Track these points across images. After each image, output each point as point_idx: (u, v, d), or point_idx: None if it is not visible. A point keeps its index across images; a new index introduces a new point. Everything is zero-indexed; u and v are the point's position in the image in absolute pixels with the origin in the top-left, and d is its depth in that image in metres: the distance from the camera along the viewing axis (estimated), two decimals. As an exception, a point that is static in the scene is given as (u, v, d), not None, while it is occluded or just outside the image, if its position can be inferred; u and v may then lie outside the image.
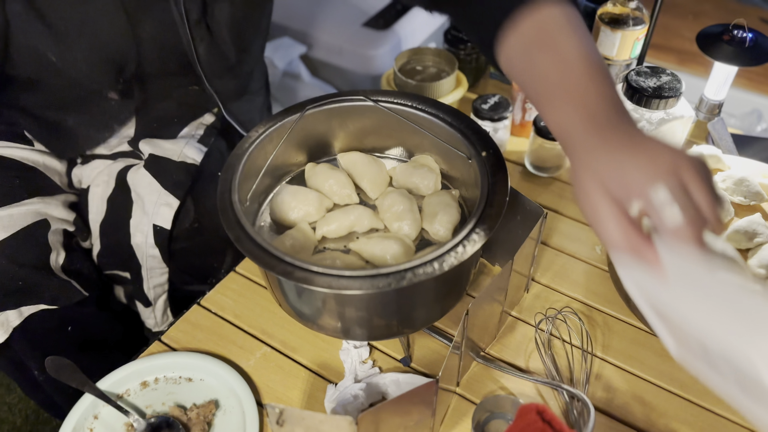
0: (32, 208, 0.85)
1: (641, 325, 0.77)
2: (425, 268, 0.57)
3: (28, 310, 0.81)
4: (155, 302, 0.95)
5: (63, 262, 0.87)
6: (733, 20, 0.82)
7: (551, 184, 0.97)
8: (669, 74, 0.82)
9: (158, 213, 0.88)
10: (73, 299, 0.85)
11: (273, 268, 0.58)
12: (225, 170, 0.67)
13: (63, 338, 0.88)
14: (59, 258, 0.86)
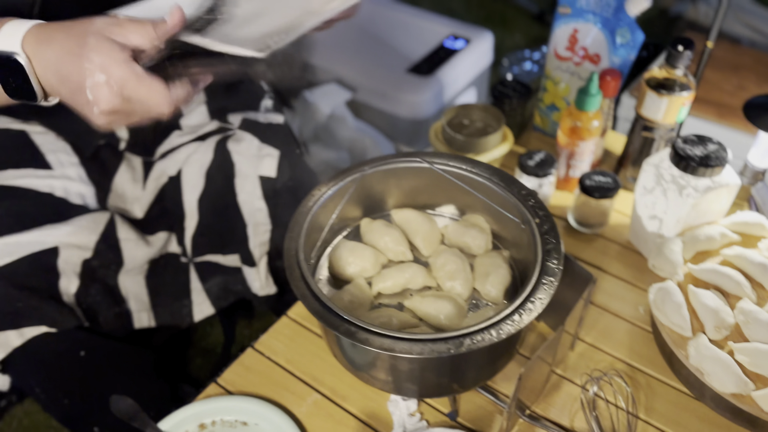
0: (40, 235, 0.85)
1: (684, 388, 0.78)
2: (483, 335, 0.60)
3: (30, 332, 0.83)
4: (259, 262, 0.99)
5: (76, 291, 0.88)
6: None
7: (594, 241, 0.99)
8: (716, 143, 0.84)
9: (262, 164, 0.92)
10: (72, 324, 0.87)
11: (336, 327, 0.61)
12: (291, 227, 0.71)
13: (74, 363, 0.89)
14: (70, 286, 0.88)
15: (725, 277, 0.78)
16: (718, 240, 0.84)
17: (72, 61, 0.59)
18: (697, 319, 0.76)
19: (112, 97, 0.60)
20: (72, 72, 0.59)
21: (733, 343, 0.72)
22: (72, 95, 0.61)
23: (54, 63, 0.60)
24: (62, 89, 0.61)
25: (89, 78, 0.59)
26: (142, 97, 0.61)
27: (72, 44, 0.60)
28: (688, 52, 0.91)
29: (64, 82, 0.60)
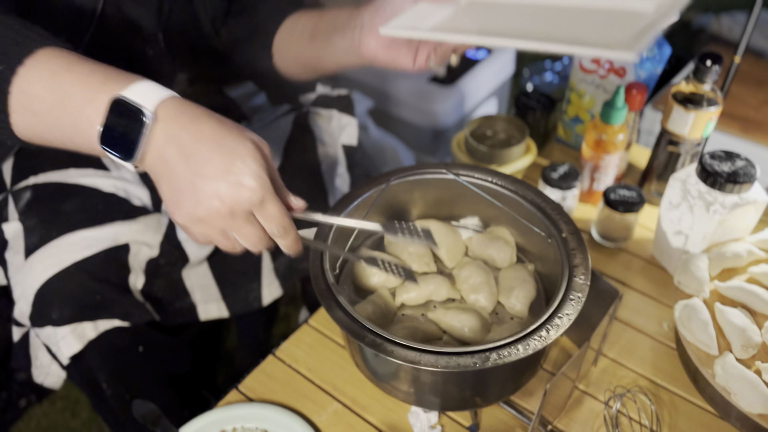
0: (113, 231, 0.88)
1: (709, 407, 0.77)
2: (509, 350, 0.60)
3: (104, 325, 0.85)
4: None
5: (142, 287, 0.91)
6: None
7: (618, 255, 0.98)
8: (744, 159, 0.84)
9: (343, 133, 0.93)
10: (145, 319, 0.89)
11: (362, 338, 0.61)
12: (316, 238, 0.71)
13: (134, 358, 0.91)
14: (137, 281, 0.90)
15: (752, 295, 0.77)
16: (745, 257, 0.83)
17: (218, 150, 0.54)
18: (723, 337, 0.75)
19: (243, 203, 0.55)
20: (213, 160, 0.54)
21: (761, 363, 0.71)
22: (190, 177, 0.54)
23: (192, 141, 0.54)
24: (177, 167, 0.55)
25: (233, 174, 0.54)
26: (259, 226, 0.58)
27: (225, 135, 0.55)
28: (716, 67, 0.90)
29: (191, 162, 0.54)
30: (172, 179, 0.55)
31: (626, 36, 0.56)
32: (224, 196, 0.54)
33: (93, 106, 0.55)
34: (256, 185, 0.55)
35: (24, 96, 0.56)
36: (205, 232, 0.57)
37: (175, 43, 0.87)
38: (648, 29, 0.56)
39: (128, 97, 0.54)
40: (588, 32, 0.60)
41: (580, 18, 0.63)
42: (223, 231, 0.57)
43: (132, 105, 0.54)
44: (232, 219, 0.56)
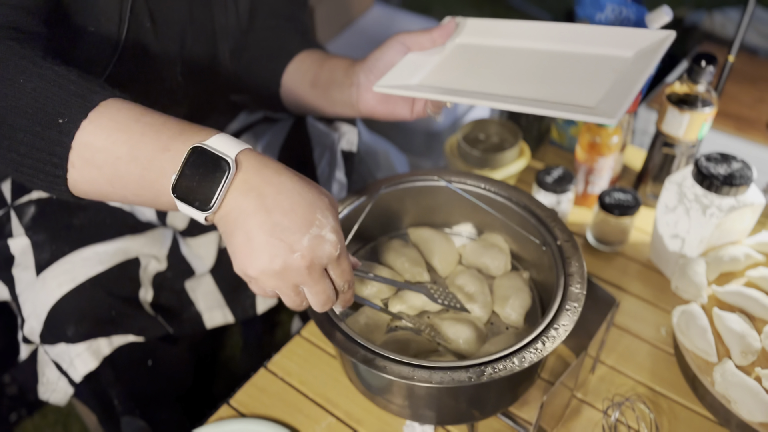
0: (123, 245, 0.87)
1: (709, 414, 0.76)
2: (505, 363, 0.58)
3: (119, 341, 0.84)
4: None
5: (151, 300, 0.90)
6: None
7: (614, 259, 0.97)
8: (740, 161, 0.82)
9: (344, 139, 0.92)
10: (159, 333, 0.88)
11: (354, 354, 0.60)
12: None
13: (144, 372, 0.90)
14: (147, 295, 0.89)
15: (751, 299, 0.76)
16: (742, 261, 0.82)
17: (300, 203, 0.53)
18: (722, 343, 0.74)
19: (323, 257, 0.54)
20: (295, 213, 0.53)
21: (761, 369, 0.70)
22: (270, 228, 0.53)
23: (273, 193, 0.53)
24: (256, 218, 0.53)
25: (315, 227, 0.53)
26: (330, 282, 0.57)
27: (305, 189, 0.55)
28: (710, 68, 0.89)
29: (273, 214, 0.53)
30: (248, 231, 0.53)
31: (606, 95, 0.60)
32: (306, 249, 0.53)
33: (167, 155, 0.53)
34: (336, 239, 0.54)
35: (87, 149, 0.54)
36: (278, 285, 0.55)
37: (191, 73, 0.87)
38: (628, 91, 0.59)
39: (210, 144, 0.53)
40: (571, 90, 0.63)
41: (563, 67, 0.67)
42: (296, 286, 0.56)
43: (214, 153, 0.53)
44: (309, 274, 0.54)
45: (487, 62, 0.72)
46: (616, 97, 0.59)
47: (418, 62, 0.74)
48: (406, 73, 0.72)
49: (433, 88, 0.70)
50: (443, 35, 0.75)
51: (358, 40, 1.76)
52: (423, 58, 0.74)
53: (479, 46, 0.75)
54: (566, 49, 0.69)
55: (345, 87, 0.80)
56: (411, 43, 0.75)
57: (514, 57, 0.71)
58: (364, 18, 1.84)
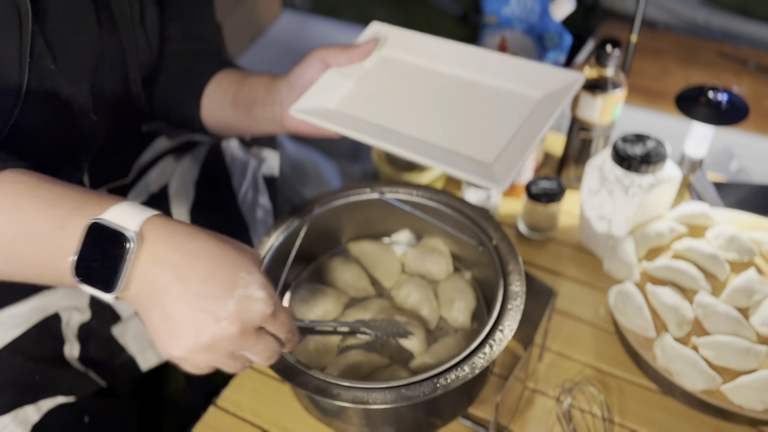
0: (40, 302, 0.82)
1: (654, 386, 0.79)
2: (457, 372, 0.59)
3: (47, 405, 0.79)
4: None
5: (78, 354, 0.85)
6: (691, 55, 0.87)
7: (546, 246, 0.99)
8: (653, 139, 0.86)
9: (264, 165, 0.90)
10: (91, 389, 0.84)
11: (305, 386, 0.59)
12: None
13: (81, 431, 0.85)
14: (74, 350, 0.85)
15: (679, 272, 0.80)
16: (667, 235, 0.85)
17: (219, 266, 0.49)
18: (658, 318, 0.77)
19: (255, 318, 0.49)
20: (214, 277, 0.48)
21: (697, 338, 0.73)
22: (189, 300, 0.48)
23: (187, 261, 0.49)
24: (171, 292, 0.48)
25: (240, 288, 0.49)
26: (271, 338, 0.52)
27: (224, 249, 0.50)
28: (616, 51, 0.92)
29: (189, 284, 0.48)
30: (164, 307, 0.48)
31: (505, 149, 0.63)
32: (233, 314, 0.48)
33: (64, 233, 0.48)
34: (266, 295, 0.50)
35: None
36: (212, 359, 0.50)
37: (105, 108, 0.83)
38: (522, 152, 0.61)
39: (107, 219, 0.48)
40: (476, 134, 0.65)
41: (475, 101, 0.69)
42: (232, 353, 0.50)
43: (111, 228, 0.47)
44: (243, 338, 0.49)
45: (403, 87, 0.72)
46: (511, 158, 0.61)
47: (335, 82, 0.73)
48: (324, 95, 0.72)
49: (346, 117, 0.70)
50: (361, 55, 0.74)
51: (270, 50, 1.73)
52: (340, 79, 0.74)
53: (398, 64, 0.74)
54: (482, 80, 0.70)
55: (268, 105, 0.78)
56: (330, 60, 0.74)
57: (431, 82, 0.72)
58: (274, 27, 1.81)
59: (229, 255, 0.50)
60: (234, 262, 0.50)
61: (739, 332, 0.74)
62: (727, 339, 0.72)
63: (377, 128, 0.68)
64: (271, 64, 1.65)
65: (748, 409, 0.67)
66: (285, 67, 1.14)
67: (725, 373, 0.71)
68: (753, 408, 0.67)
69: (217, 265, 0.49)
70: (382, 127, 0.68)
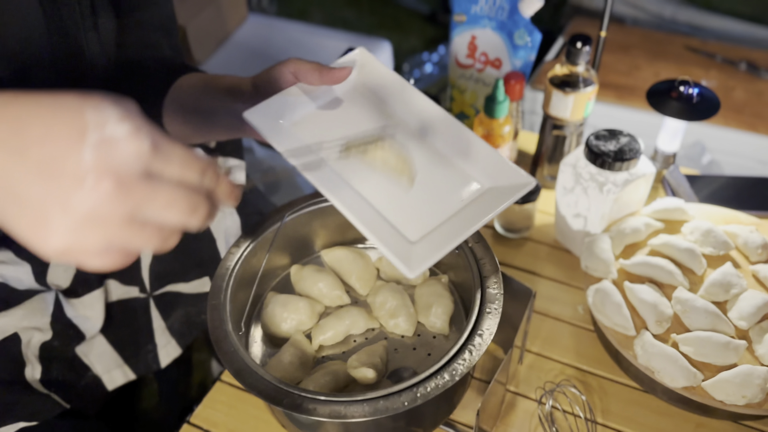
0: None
1: (635, 384, 0.79)
2: (437, 380, 0.57)
3: (7, 431, 0.76)
4: None
5: (40, 376, 0.82)
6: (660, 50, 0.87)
7: (524, 245, 0.98)
8: (626, 135, 0.85)
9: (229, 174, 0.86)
10: (54, 411, 0.80)
11: (279, 402, 0.56)
12: (212, 295, 0.65)
13: None
14: (35, 372, 0.81)
15: (656, 268, 0.79)
16: (643, 231, 0.85)
17: (55, 116, 0.37)
18: (638, 315, 0.76)
19: (129, 158, 0.37)
20: (54, 131, 0.37)
21: (676, 335, 0.73)
22: (37, 171, 0.36)
23: (14, 128, 0.37)
24: (13, 173, 0.37)
25: (92, 132, 0.37)
26: (173, 183, 0.39)
27: (58, 99, 0.38)
28: (586, 48, 0.92)
29: (28, 153, 0.36)
30: (13, 194, 0.37)
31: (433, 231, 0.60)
32: (94, 165, 0.36)
33: None
34: (131, 128, 0.37)
35: None
36: (107, 236, 0.37)
37: None
38: (444, 245, 0.58)
39: None
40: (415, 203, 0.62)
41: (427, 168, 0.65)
42: (130, 218, 0.38)
43: None
44: (129, 192, 0.37)
45: (362, 127, 0.68)
46: (434, 244, 0.58)
47: (298, 99, 0.69)
48: (282, 109, 0.67)
49: (292, 138, 0.66)
50: (334, 80, 0.69)
51: (237, 54, 1.70)
52: (305, 97, 0.69)
53: (367, 102, 0.70)
54: (441, 149, 0.67)
55: (229, 106, 0.74)
56: (301, 76, 0.69)
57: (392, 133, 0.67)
58: (241, 31, 1.78)
59: (64, 101, 0.38)
60: (73, 106, 0.37)
61: (717, 327, 0.73)
62: (706, 334, 0.71)
63: (317, 162, 0.63)
64: (237, 68, 1.62)
65: (729, 404, 0.67)
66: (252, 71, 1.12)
67: (706, 369, 0.70)
68: (734, 403, 0.67)
69: (52, 118, 0.37)
70: (322, 161, 0.64)
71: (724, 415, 0.72)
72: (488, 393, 0.63)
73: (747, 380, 0.67)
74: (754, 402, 0.66)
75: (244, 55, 1.68)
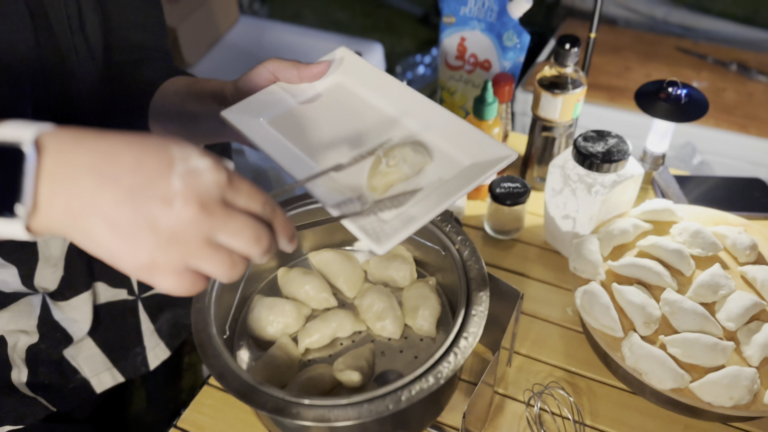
0: None
1: (623, 385, 0.79)
2: (421, 384, 0.57)
3: None
4: None
5: (27, 379, 0.81)
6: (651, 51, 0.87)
7: (513, 247, 0.98)
8: (615, 136, 0.85)
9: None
10: (40, 416, 0.80)
11: (263, 406, 0.56)
12: (196, 298, 0.65)
13: None
14: (21, 375, 0.81)
15: (644, 269, 0.79)
16: (631, 232, 0.84)
17: (146, 151, 0.42)
18: (626, 317, 0.76)
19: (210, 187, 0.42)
20: (146, 162, 0.42)
21: (664, 337, 0.73)
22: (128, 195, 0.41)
23: (106, 158, 0.42)
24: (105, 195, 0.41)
25: (178, 163, 0.42)
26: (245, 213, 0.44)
27: (144, 137, 0.44)
28: (574, 49, 0.92)
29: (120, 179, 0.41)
30: (105, 216, 0.41)
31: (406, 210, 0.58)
32: (182, 191, 0.41)
33: None
34: (212, 163, 0.43)
35: None
36: (186, 254, 0.42)
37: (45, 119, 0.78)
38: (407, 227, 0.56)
39: None
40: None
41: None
42: (207, 241, 0.42)
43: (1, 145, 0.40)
44: (209, 217, 0.42)
45: (342, 120, 0.68)
46: (404, 222, 0.57)
47: (278, 97, 0.69)
48: (261, 106, 0.67)
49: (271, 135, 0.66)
50: (312, 77, 0.70)
51: (228, 56, 1.70)
52: (284, 95, 0.70)
53: (348, 96, 0.70)
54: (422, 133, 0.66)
55: (214, 110, 0.75)
56: (280, 74, 0.70)
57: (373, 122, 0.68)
58: (232, 33, 1.78)
59: (151, 140, 0.43)
60: (159, 143, 0.43)
61: (705, 329, 0.73)
62: (694, 336, 0.71)
63: (294, 153, 0.63)
64: (228, 71, 1.62)
65: (717, 406, 0.67)
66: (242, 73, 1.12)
67: (694, 371, 0.70)
68: (722, 404, 0.66)
69: (142, 152, 0.42)
70: (300, 153, 0.64)
71: (712, 416, 0.72)
72: (475, 395, 0.62)
73: (734, 382, 0.67)
74: (742, 403, 0.66)
75: (234, 58, 1.67)
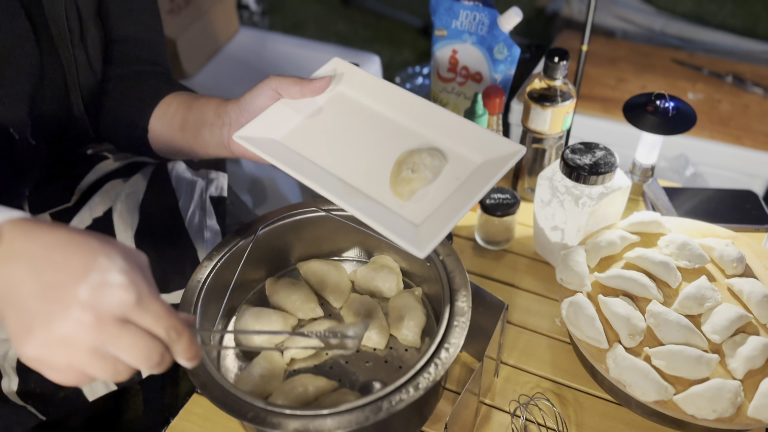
0: None
1: (609, 397, 0.79)
2: (401, 394, 0.57)
3: None
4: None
5: (17, 388, 0.82)
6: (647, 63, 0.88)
7: (503, 257, 0.99)
8: (602, 149, 0.86)
9: (212, 186, 0.88)
10: (30, 425, 0.81)
11: (244, 415, 0.57)
12: (182, 308, 0.66)
13: None
14: (12, 384, 0.82)
15: (630, 281, 0.79)
16: (618, 244, 0.85)
17: (77, 252, 0.45)
18: (611, 328, 0.76)
19: (111, 304, 0.44)
20: (70, 265, 0.44)
21: (649, 349, 0.73)
22: (41, 291, 0.44)
23: (45, 251, 0.45)
24: (25, 285, 0.44)
25: (94, 273, 0.44)
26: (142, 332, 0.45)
27: (87, 238, 0.46)
28: (563, 63, 0.92)
29: (44, 274, 0.44)
30: (18, 302, 0.44)
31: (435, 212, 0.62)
32: (85, 301, 0.43)
33: None
34: (126, 281, 0.45)
35: None
36: (72, 358, 0.44)
37: (44, 133, 0.80)
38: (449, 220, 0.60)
39: None
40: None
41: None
42: (94, 350, 0.44)
43: None
44: (101, 330, 0.44)
45: (351, 129, 0.71)
46: (439, 222, 0.60)
47: (284, 114, 0.71)
48: (270, 125, 0.70)
49: (287, 151, 0.69)
50: (314, 91, 0.72)
51: (227, 67, 1.72)
52: (290, 111, 0.72)
53: (351, 106, 0.73)
54: (430, 136, 0.69)
55: (216, 127, 0.76)
56: (282, 91, 0.72)
57: (380, 129, 0.71)
58: (232, 44, 1.80)
59: (90, 243, 0.46)
60: (93, 249, 0.45)
61: (690, 341, 0.73)
62: (679, 348, 0.72)
63: (315, 169, 0.67)
64: (228, 82, 1.63)
65: (700, 419, 0.67)
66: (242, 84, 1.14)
67: (678, 383, 0.70)
68: (705, 417, 0.66)
69: (73, 252, 0.45)
70: (321, 167, 0.67)
71: (696, 429, 0.72)
72: (458, 404, 0.63)
73: (717, 394, 0.67)
74: (725, 416, 0.66)
75: (234, 69, 1.69)
